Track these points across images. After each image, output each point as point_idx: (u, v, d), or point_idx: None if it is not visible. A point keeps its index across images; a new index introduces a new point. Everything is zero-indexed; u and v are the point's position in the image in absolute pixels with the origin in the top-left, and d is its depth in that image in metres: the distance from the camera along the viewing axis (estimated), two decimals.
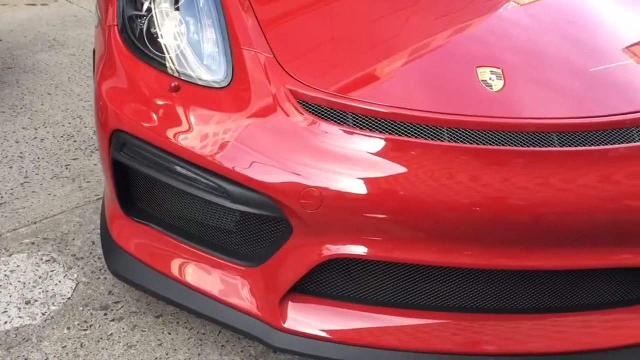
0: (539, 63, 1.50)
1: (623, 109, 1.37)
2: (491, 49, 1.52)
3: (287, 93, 1.35)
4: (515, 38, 1.59)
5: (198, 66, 1.45)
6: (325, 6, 1.69)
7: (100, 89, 1.49)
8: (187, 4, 1.54)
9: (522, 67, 1.46)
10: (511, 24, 1.67)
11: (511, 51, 1.51)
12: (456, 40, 1.56)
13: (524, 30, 1.63)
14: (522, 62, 1.48)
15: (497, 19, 1.69)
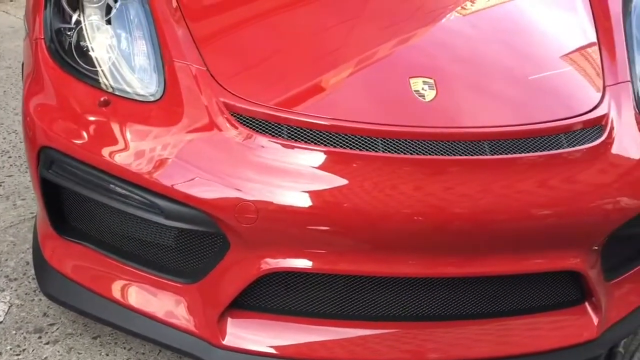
0: (474, 72, 1.52)
1: (552, 116, 1.40)
2: (426, 59, 1.53)
3: (220, 106, 1.33)
4: (452, 48, 1.60)
5: (129, 79, 1.41)
6: (261, 17, 1.66)
7: (27, 104, 1.44)
8: (117, 17, 1.50)
9: (456, 76, 1.48)
10: (450, 33, 1.69)
11: (446, 61, 1.53)
12: (393, 51, 1.56)
13: (462, 39, 1.65)
14: (456, 71, 1.49)
15: (437, 29, 1.70)
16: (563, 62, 1.60)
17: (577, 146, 1.37)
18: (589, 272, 1.39)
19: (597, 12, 1.74)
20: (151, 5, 1.50)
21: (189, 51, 1.43)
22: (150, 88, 1.39)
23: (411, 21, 1.72)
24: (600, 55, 1.60)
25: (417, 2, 1.83)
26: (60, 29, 1.49)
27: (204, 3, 1.68)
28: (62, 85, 1.42)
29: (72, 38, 1.47)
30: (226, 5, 1.71)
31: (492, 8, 1.80)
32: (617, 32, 1.66)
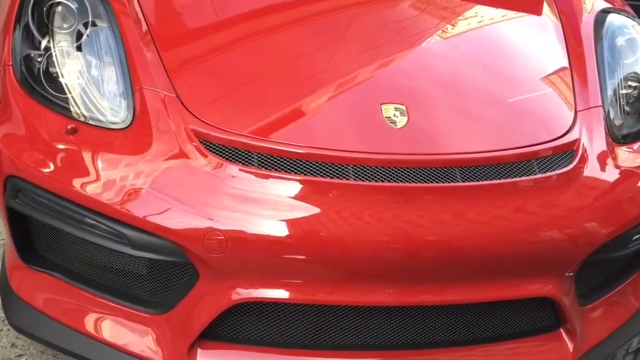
0: (446, 98, 1.52)
1: (523, 142, 1.40)
2: (398, 85, 1.52)
3: (189, 134, 1.32)
4: (424, 74, 1.60)
5: (99, 106, 1.39)
6: (233, 42, 1.65)
7: None
8: (88, 42, 1.48)
9: (427, 102, 1.48)
10: (424, 59, 1.69)
11: (418, 87, 1.53)
12: (367, 77, 1.55)
13: (435, 65, 1.65)
14: (428, 97, 1.50)
15: (412, 55, 1.70)
16: (534, 87, 1.61)
17: (548, 172, 1.37)
18: (563, 298, 1.39)
19: (568, 36, 1.76)
20: (121, 30, 1.48)
21: (158, 77, 1.41)
22: (119, 115, 1.37)
23: (387, 47, 1.71)
24: (572, 80, 1.60)
25: (393, 28, 1.83)
26: (30, 55, 1.47)
27: (174, 27, 1.65)
28: (30, 113, 1.40)
29: (41, 64, 1.45)
30: (196, 30, 1.69)
31: (466, 34, 1.81)
32: (589, 57, 1.67)
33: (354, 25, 1.79)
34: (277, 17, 1.78)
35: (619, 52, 1.69)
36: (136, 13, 1.55)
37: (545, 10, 1.92)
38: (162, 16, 1.63)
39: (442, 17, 1.92)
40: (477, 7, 2.00)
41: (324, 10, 1.85)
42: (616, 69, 1.66)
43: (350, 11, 1.86)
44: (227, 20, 1.73)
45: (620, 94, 1.63)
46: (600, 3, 1.90)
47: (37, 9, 1.50)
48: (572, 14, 1.86)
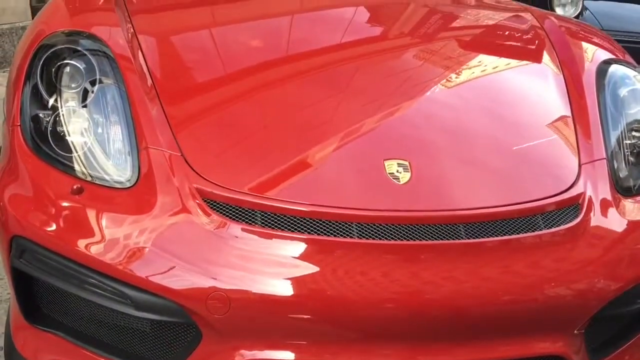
0: (449, 151, 1.51)
1: (527, 196, 1.40)
2: (401, 140, 1.52)
3: (193, 192, 1.32)
4: (428, 127, 1.60)
5: (104, 165, 1.41)
6: (237, 97, 1.66)
7: (1, 193, 1.43)
8: (94, 101, 1.50)
9: (431, 157, 1.48)
10: (428, 110, 1.69)
11: (421, 141, 1.53)
12: (370, 132, 1.55)
13: (438, 118, 1.64)
14: (431, 152, 1.49)
15: (416, 107, 1.70)
16: (538, 139, 1.61)
17: (554, 227, 1.36)
18: (573, 356, 1.36)
19: (570, 87, 1.76)
20: (127, 86, 1.51)
21: (163, 135, 1.43)
22: (125, 175, 1.38)
23: (390, 97, 1.71)
24: (575, 132, 1.60)
25: (397, 78, 1.83)
26: (38, 115, 1.49)
27: (178, 81, 1.66)
28: (37, 174, 1.41)
29: (49, 124, 1.48)
30: (200, 83, 1.71)
31: (468, 84, 1.82)
32: (592, 108, 1.68)
33: (358, 77, 1.80)
34: (280, 70, 1.79)
35: (622, 103, 1.70)
36: (141, 68, 1.58)
37: (546, 60, 1.94)
38: (167, 70, 1.65)
39: (445, 66, 1.93)
40: (480, 57, 2.03)
41: (327, 62, 1.88)
42: (619, 120, 1.66)
43: (354, 62, 1.88)
44: (231, 73, 1.75)
45: (624, 145, 1.63)
46: (602, 54, 1.92)
47: (45, 69, 1.54)
48: (574, 64, 1.87)
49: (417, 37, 2.13)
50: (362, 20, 2.28)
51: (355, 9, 2.34)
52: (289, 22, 2.12)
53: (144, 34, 1.73)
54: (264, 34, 1.97)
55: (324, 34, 2.01)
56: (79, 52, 1.56)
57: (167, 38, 1.86)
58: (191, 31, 1.97)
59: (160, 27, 1.92)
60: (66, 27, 1.70)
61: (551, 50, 1.97)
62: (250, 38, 1.92)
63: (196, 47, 1.85)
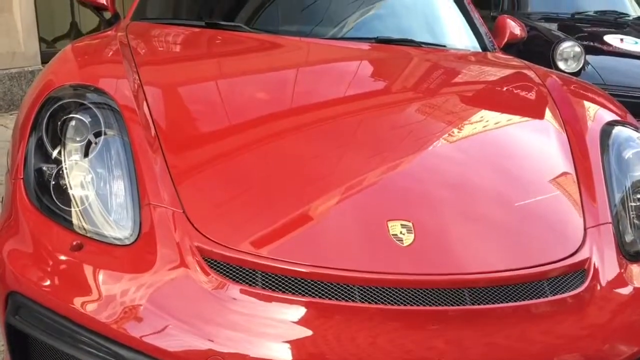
0: (453, 212, 1.49)
1: (533, 261, 1.38)
2: (405, 200, 1.50)
3: (193, 251, 1.31)
4: (431, 186, 1.58)
5: (105, 221, 1.40)
6: (241, 148, 1.65)
7: (1, 247, 1.42)
8: (98, 155, 1.50)
9: (435, 218, 1.46)
10: (432, 166, 1.68)
11: (425, 201, 1.51)
12: (373, 190, 1.54)
13: (443, 177, 1.62)
14: (435, 212, 1.47)
15: (419, 161, 1.69)
16: (542, 200, 1.59)
17: (560, 293, 1.33)
18: None
19: (574, 147, 1.76)
20: (131, 138, 1.51)
21: (166, 192, 1.41)
22: (125, 231, 1.37)
23: (393, 152, 1.70)
24: (580, 195, 1.59)
25: (400, 132, 1.83)
26: (41, 168, 1.49)
27: (182, 132, 1.65)
28: (38, 229, 1.40)
29: (51, 177, 1.47)
30: (204, 135, 1.69)
31: (472, 142, 1.81)
32: (596, 170, 1.67)
33: (361, 130, 1.79)
34: (283, 123, 1.79)
35: (627, 165, 1.69)
36: (146, 119, 1.58)
37: (549, 117, 1.94)
38: (171, 120, 1.65)
39: (448, 121, 1.93)
40: (482, 112, 2.03)
41: (330, 115, 1.86)
42: (624, 182, 1.65)
43: (357, 116, 1.88)
44: (235, 125, 1.75)
45: (629, 207, 1.61)
46: (605, 114, 1.93)
47: (51, 122, 1.54)
48: (577, 123, 1.87)
49: (420, 91, 2.15)
50: (366, 74, 2.30)
51: (359, 62, 2.37)
52: (293, 75, 2.14)
53: (150, 85, 1.74)
54: (269, 87, 1.99)
55: (327, 87, 2.03)
56: (85, 106, 1.57)
57: (172, 89, 1.87)
58: (197, 82, 1.99)
59: (166, 78, 1.94)
60: (74, 79, 1.72)
61: (554, 108, 1.97)
62: (255, 90, 1.94)
63: (201, 98, 1.86)
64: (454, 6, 2.88)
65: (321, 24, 2.53)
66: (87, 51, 2.04)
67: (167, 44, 2.32)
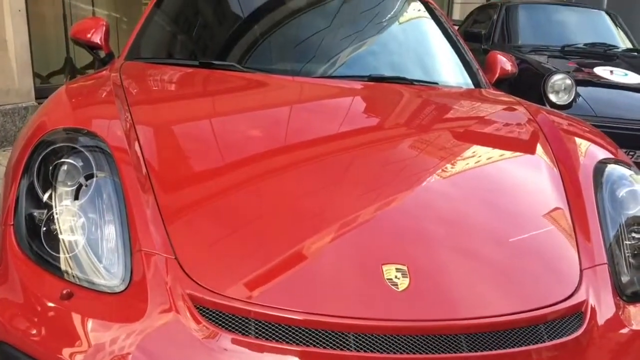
0: (449, 254, 1.47)
1: (529, 305, 1.36)
2: (400, 242, 1.48)
3: (185, 299, 1.29)
4: (426, 227, 1.56)
5: (95, 269, 1.38)
6: (233, 187, 1.64)
7: None
8: (89, 199, 1.48)
9: (430, 261, 1.44)
10: (426, 203, 1.66)
11: (420, 243, 1.49)
12: (368, 228, 1.52)
13: (437, 217, 1.61)
14: (431, 255, 1.46)
15: (413, 198, 1.68)
16: (538, 242, 1.58)
17: (558, 338, 1.31)
18: None
19: (567, 183, 1.76)
20: (122, 178, 1.50)
21: (157, 237, 1.39)
22: (116, 279, 1.35)
23: (386, 189, 1.68)
24: (574, 233, 1.58)
25: (393, 169, 1.82)
26: (32, 213, 1.47)
27: (175, 171, 1.63)
28: (27, 277, 1.38)
29: (42, 222, 1.45)
30: (196, 174, 1.68)
31: (465, 178, 1.80)
32: (590, 208, 1.66)
33: (354, 167, 1.77)
34: (276, 161, 1.77)
35: (620, 204, 1.69)
36: (137, 159, 1.58)
37: (541, 153, 1.94)
38: (163, 160, 1.64)
39: (440, 157, 1.92)
40: (474, 148, 2.03)
41: (323, 153, 1.85)
42: (618, 221, 1.65)
43: (350, 153, 1.87)
44: (227, 164, 1.73)
45: (624, 246, 1.60)
46: (597, 151, 1.94)
47: (43, 166, 1.53)
48: (569, 160, 1.87)
49: (412, 128, 2.15)
50: (358, 111, 2.31)
51: (351, 100, 2.38)
52: (286, 113, 2.14)
53: (142, 124, 1.74)
54: (261, 125, 1.99)
55: (320, 125, 2.03)
56: (76, 150, 1.57)
57: (164, 128, 1.86)
58: (189, 121, 1.99)
59: (158, 117, 1.94)
60: (67, 122, 1.71)
61: (545, 144, 1.98)
62: (247, 129, 1.93)
63: (193, 137, 1.86)
64: (446, 43, 2.91)
65: (313, 62, 2.55)
66: (80, 93, 2.04)
67: (160, 83, 2.33)
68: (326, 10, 2.90)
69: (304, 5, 2.94)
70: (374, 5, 3.01)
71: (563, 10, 6.37)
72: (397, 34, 2.96)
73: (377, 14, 2.99)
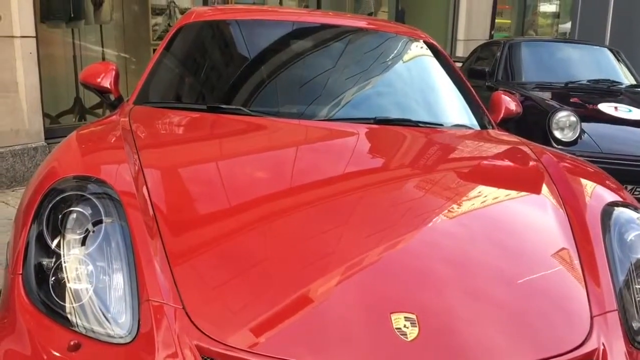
0: (457, 296, 1.46)
1: (539, 353, 1.35)
2: (408, 284, 1.48)
3: (192, 349, 1.28)
4: (433, 273, 1.55)
5: (103, 319, 1.38)
6: (240, 230, 1.63)
7: None
8: (98, 247, 1.49)
9: (439, 307, 1.43)
10: (433, 245, 1.65)
11: (428, 291, 1.48)
12: (375, 274, 1.51)
13: (445, 252, 1.60)
14: (440, 303, 1.44)
15: (420, 240, 1.67)
16: (547, 288, 1.57)
17: None
18: None
19: (575, 227, 1.75)
20: (129, 223, 1.51)
21: (165, 284, 1.40)
22: (124, 329, 1.35)
23: (392, 232, 1.68)
24: (584, 278, 1.57)
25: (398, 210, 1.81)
26: (41, 263, 1.48)
27: (182, 215, 1.63)
28: (34, 327, 1.38)
29: (50, 271, 1.46)
30: (203, 217, 1.67)
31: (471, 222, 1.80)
32: (598, 252, 1.66)
33: (360, 209, 1.77)
34: (282, 204, 1.78)
35: (629, 248, 1.68)
36: (145, 203, 1.59)
37: (547, 194, 1.94)
38: (170, 203, 1.65)
39: (446, 198, 1.92)
40: (480, 188, 2.03)
41: (329, 194, 1.86)
42: (627, 265, 1.64)
43: (356, 194, 1.87)
44: (234, 206, 1.74)
45: (634, 290, 1.59)
46: (605, 194, 1.93)
47: (52, 214, 1.55)
48: (576, 202, 1.87)
49: (418, 169, 2.16)
50: (364, 153, 2.32)
51: (357, 142, 2.39)
52: (292, 156, 2.15)
53: (150, 167, 1.76)
54: (267, 168, 2.01)
55: (326, 167, 2.04)
56: (85, 197, 1.58)
57: (172, 171, 1.89)
58: (196, 164, 2.01)
59: (165, 160, 1.97)
60: (76, 168, 1.73)
61: (551, 185, 1.98)
62: (253, 172, 1.95)
63: (200, 180, 1.88)
64: (450, 84, 2.95)
65: (319, 105, 2.58)
66: (90, 139, 2.07)
67: (168, 127, 2.36)
68: (330, 53, 2.95)
69: (309, 48, 2.99)
70: (377, 46, 3.06)
71: (566, 47, 6.44)
72: (401, 75, 3.00)
73: (381, 54, 3.03)
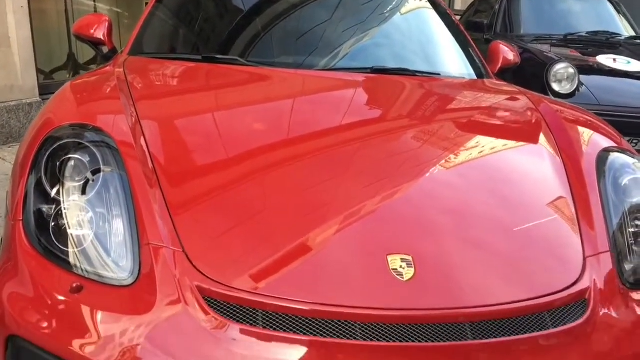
0: (453, 243, 1.49)
1: (533, 293, 1.37)
2: (404, 228, 1.50)
3: (193, 291, 1.30)
4: (430, 217, 1.57)
5: (104, 262, 1.40)
6: (239, 180, 1.65)
7: (0, 290, 1.41)
8: (97, 194, 1.50)
9: (434, 251, 1.45)
10: (430, 193, 1.68)
11: (425, 233, 1.51)
12: (373, 218, 1.53)
13: (440, 206, 1.62)
14: (435, 245, 1.47)
15: (417, 188, 1.69)
16: (542, 231, 1.59)
17: (562, 325, 1.33)
18: None
19: (570, 172, 1.77)
20: (128, 173, 1.52)
21: (165, 229, 1.41)
22: (125, 272, 1.37)
23: (390, 181, 1.69)
24: (577, 221, 1.60)
25: (397, 160, 1.83)
26: (40, 209, 1.49)
27: (181, 165, 1.64)
28: (37, 271, 1.40)
29: (51, 218, 1.47)
30: (202, 167, 1.68)
31: (468, 168, 1.81)
32: (593, 196, 1.67)
33: (358, 159, 1.78)
34: (281, 153, 1.79)
35: (623, 191, 1.70)
36: (143, 154, 1.60)
37: (544, 143, 1.95)
38: (168, 154, 1.66)
39: (444, 147, 1.93)
40: (478, 138, 2.04)
41: (327, 145, 1.87)
42: (621, 209, 1.66)
43: (354, 145, 1.88)
44: (232, 157, 1.75)
45: (628, 234, 1.61)
46: (600, 140, 1.94)
47: (50, 162, 1.55)
48: (572, 149, 1.88)
49: (416, 119, 2.16)
50: (362, 103, 2.32)
51: (354, 92, 2.38)
52: (289, 106, 2.15)
53: (147, 119, 1.76)
54: (265, 118, 2.00)
55: (324, 117, 2.04)
56: (83, 145, 1.58)
57: (169, 122, 1.88)
58: (193, 115, 2.00)
59: (163, 111, 1.96)
60: (73, 117, 1.73)
61: (548, 134, 1.99)
62: (251, 122, 1.95)
63: (198, 131, 1.87)
64: (448, 34, 2.92)
65: (316, 55, 2.56)
66: (85, 89, 2.06)
67: (164, 78, 2.34)
68: (328, 3, 2.91)
69: None
70: None
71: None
72: (399, 25, 2.96)
73: (379, 5, 2.99)
